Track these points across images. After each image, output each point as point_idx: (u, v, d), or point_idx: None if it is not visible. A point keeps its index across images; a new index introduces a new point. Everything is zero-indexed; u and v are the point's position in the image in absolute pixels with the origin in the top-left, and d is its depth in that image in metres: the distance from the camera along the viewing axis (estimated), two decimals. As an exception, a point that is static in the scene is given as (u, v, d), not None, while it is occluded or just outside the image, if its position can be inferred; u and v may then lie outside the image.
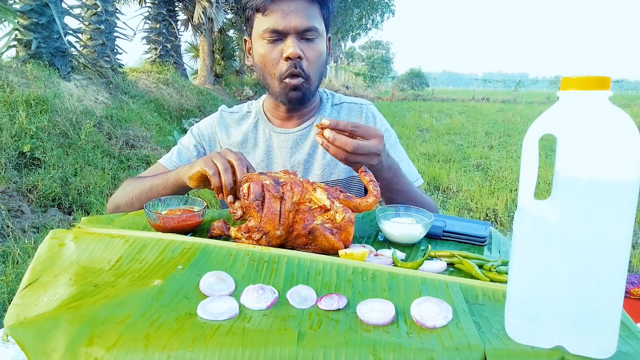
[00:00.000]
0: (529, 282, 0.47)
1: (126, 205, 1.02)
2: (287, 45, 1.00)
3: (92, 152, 4.80)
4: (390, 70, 33.09)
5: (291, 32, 1.00)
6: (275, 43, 1.02)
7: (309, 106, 1.16)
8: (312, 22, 1.02)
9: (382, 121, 1.20)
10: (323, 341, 0.48)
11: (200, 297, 0.57)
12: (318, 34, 1.04)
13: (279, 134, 1.15)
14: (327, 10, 1.07)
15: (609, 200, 0.42)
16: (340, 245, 0.72)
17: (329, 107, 1.19)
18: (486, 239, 0.81)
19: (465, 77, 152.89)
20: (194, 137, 1.20)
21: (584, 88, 0.43)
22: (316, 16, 1.03)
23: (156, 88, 8.49)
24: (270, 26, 1.00)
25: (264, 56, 1.03)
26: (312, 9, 1.02)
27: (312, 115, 1.17)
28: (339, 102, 1.21)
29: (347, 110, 1.20)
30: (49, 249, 0.69)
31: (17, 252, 2.79)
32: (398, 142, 1.21)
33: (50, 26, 5.99)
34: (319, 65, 1.06)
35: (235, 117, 1.21)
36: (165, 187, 0.96)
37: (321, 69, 1.08)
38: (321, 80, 1.11)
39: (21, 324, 0.51)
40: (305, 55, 1.02)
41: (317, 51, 1.04)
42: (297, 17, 1.00)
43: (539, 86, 49.00)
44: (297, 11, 1.00)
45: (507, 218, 4.03)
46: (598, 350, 0.45)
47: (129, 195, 1.02)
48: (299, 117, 1.16)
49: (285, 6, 1.00)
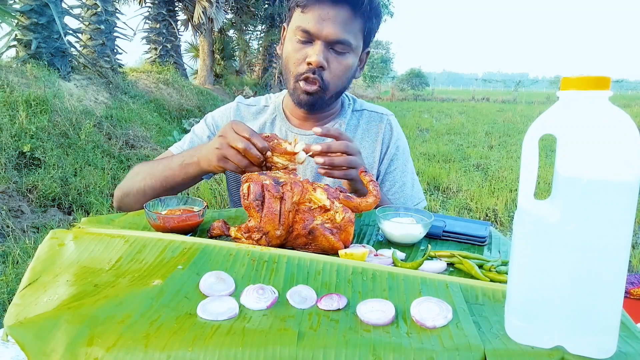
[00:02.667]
0: (529, 282, 0.47)
1: (137, 193, 0.98)
2: (313, 51, 0.97)
3: (92, 152, 4.80)
4: (390, 70, 33.05)
5: (321, 38, 0.97)
6: (305, 44, 0.99)
7: (329, 110, 1.14)
8: (346, 36, 0.97)
9: (400, 135, 1.18)
10: (323, 341, 0.48)
11: (200, 297, 0.57)
12: (350, 49, 1.00)
13: (296, 134, 1.13)
14: (371, 25, 1.03)
15: (609, 200, 0.42)
16: (340, 245, 0.72)
17: (350, 113, 1.17)
18: (486, 239, 0.81)
19: (465, 77, 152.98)
20: (207, 128, 1.17)
21: (584, 88, 0.43)
22: (354, 30, 0.99)
23: (156, 88, 8.49)
24: (303, 25, 0.97)
25: (289, 53, 1.01)
26: (352, 22, 0.98)
27: (331, 119, 1.15)
28: (360, 109, 1.19)
29: (367, 118, 1.17)
30: (49, 249, 0.69)
31: (17, 252, 2.79)
32: (409, 160, 1.18)
33: (50, 26, 5.99)
34: (341, 79, 1.03)
35: (252, 110, 1.19)
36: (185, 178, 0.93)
37: (344, 83, 1.05)
38: (342, 92, 1.09)
39: (21, 324, 0.51)
40: (330, 66, 0.99)
41: (342, 65, 1.00)
42: (332, 26, 0.96)
43: (539, 86, 49.01)
44: (335, 20, 0.96)
45: (507, 218, 4.03)
46: (598, 350, 0.45)
47: (140, 184, 0.98)
48: (318, 119, 1.14)
49: (324, 11, 0.96)
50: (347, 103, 1.19)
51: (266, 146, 0.80)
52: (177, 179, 0.94)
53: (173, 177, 0.94)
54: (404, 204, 1.12)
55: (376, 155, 1.14)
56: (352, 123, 1.16)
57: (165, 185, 0.95)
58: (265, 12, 14.67)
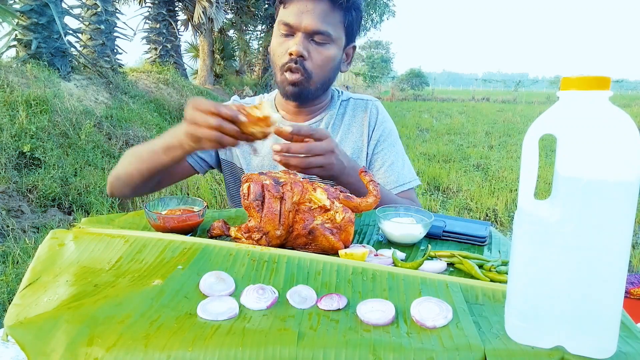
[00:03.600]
0: (529, 282, 0.47)
1: (125, 176, 0.98)
2: (293, 42, 1.02)
3: (92, 152, 4.80)
4: (390, 70, 33.11)
5: (301, 30, 1.01)
6: (287, 37, 1.03)
7: (318, 103, 1.17)
8: (325, 27, 1.01)
9: (386, 117, 1.20)
10: (323, 341, 0.48)
11: (200, 297, 0.57)
12: (330, 40, 1.04)
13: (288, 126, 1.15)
14: (351, 18, 1.06)
15: (609, 200, 0.42)
16: (340, 245, 0.72)
17: (338, 104, 1.20)
18: (486, 239, 0.81)
19: (465, 77, 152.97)
20: None
21: (584, 88, 0.43)
22: (333, 22, 1.03)
23: (156, 88, 8.49)
24: (284, 19, 1.02)
25: (274, 46, 1.06)
26: (331, 14, 1.02)
27: (322, 111, 1.18)
28: (346, 99, 1.23)
29: (353, 106, 1.21)
30: (49, 249, 0.69)
31: (17, 252, 2.79)
32: (398, 141, 1.20)
33: (50, 26, 5.99)
34: (323, 69, 1.06)
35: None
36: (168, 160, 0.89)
37: (327, 74, 1.08)
38: (328, 84, 1.12)
39: (21, 324, 0.51)
40: (311, 55, 1.03)
41: (323, 55, 1.04)
42: (310, 18, 1.00)
43: (539, 86, 49.00)
44: (313, 12, 1.00)
45: (507, 218, 4.03)
46: (598, 350, 0.45)
47: (128, 167, 0.97)
48: (308, 112, 1.17)
49: (302, 4, 1.01)
50: (336, 95, 1.22)
51: (236, 113, 0.76)
52: (162, 161, 0.90)
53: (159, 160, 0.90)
54: (396, 181, 1.13)
55: (364, 139, 1.17)
56: (340, 112, 1.20)
57: (151, 168, 0.92)
58: (265, 12, 14.67)
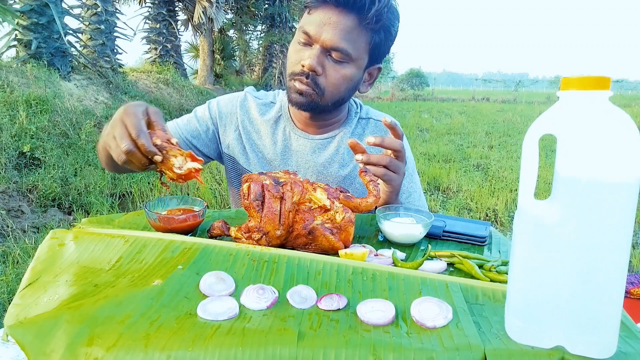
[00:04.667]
0: (529, 282, 0.47)
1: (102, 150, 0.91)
2: (308, 54, 0.96)
3: (92, 152, 4.79)
4: (390, 70, 33.08)
5: (319, 43, 0.94)
6: (304, 47, 0.97)
7: (330, 118, 1.11)
8: (345, 45, 0.94)
9: (406, 147, 1.13)
10: (323, 341, 0.48)
11: (200, 297, 0.57)
12: (349, 59, 0.96)
13: (298, 137, 1.12)
14: (378, 39, 0.98)
15: (609, 201, 0.42)
16: (340, 245, 0.72)
17: (355, 122, 1.14)
18: (486, 239, 0.81)
19: (465, 77, 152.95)
20: (209, 112, 1.15)
21: (584, 88, 0.43)
22: (356, 40, 0.95)
23: (156, 88, 8.49)
24: (305, 27, 0.95)
25: (290, 53, 1.01)
26: (356, 31, 0.94)
27: (336, 127, 1.13)
28: (366, 117, 1.16)
29: (374, 128, 1.15)
30: (49, 249, 0.69)
31: (17, 252, 2.79)
32: (415, 172, 1.16)
33: (50, 26, 5.99)
34: (338, 88, 0.99)
35: (258, 102, 1.16)
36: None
37: (341, 93, 1.01)
38: (341, 103, 1.05)
39: (21, 324, 0.51)
40: (326, 72, 0.97)
41: (339, 74, 0.97)
42: (332, 32, 0.93)
43: (539, 86, 49.02)
44: (336, 26, 0.93)
45: (507, 218, 4.03)
46: (598, 350, 0.45)
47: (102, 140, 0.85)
48: (319, 126, 1.11)
49: (327, 15, 0.93)
50: (353, 110, 1.16)
51: (153, 151, 0.71)
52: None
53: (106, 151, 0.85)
54: None
55: None
56: (357, 132, 1.14)
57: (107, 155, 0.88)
58: (265, 12, 14.68)
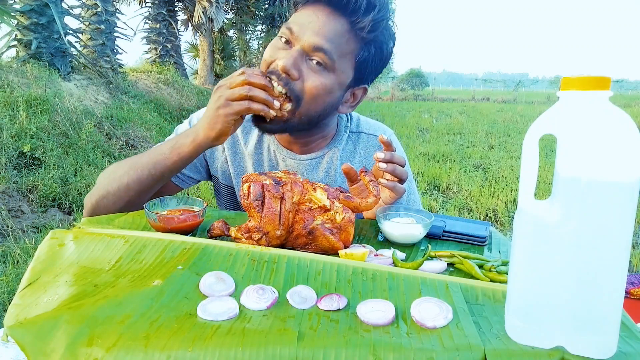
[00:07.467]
0: (529, 282, 0.47)
1: (118, 190, 0.88)
2: (285, 54, 0.85)
3: (92, 152, 4.80)
4: (390, 70, 33.07)
5: (299, 43, 0.85)
6: (285, 45, 0.88)
7: (315, 134, 1.02)
8: (328, 46, 0.83)
9: (400, 151, 1.07)
10: (323, 341, 0.48)
11: (200, 298, 0.57)
12: (330, 66, 0.85)
13: (284, 157, 1.04)
14: (367, 54, 0.89)
15: (609, 201, 0.42)
16: (340, 245, 0.72)
17: (345, 138, 1.06)
18: (486, 239, 0.81)
19: (465, 77, 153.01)
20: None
21: (584, 88, 0.43)
22: (342, 47, 0.85)
23: (156, 88, 8.49)
24: (289, 24, 0.87)
25: (266, 50, 0.90)
26: (344, 37, 0.85)
27: (323, 144, 1.04)
28: (357, 131, 1.08)
29: (365, 143, 1.08)
30: (49, 249, 0.69)
31: (17, 252, 2.79)
32: (412, 178, 1.11)
33: (50, 26, 5.99)
34: (315, 99, 0.87)
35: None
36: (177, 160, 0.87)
37: (318, 107, 0.89)
38: (317, 120, 0.93)
39: (21, 324, 0.51)
40: (303, 77, 0.85)
41: (318, 81, 0.85)
42: (316, 31, 0.83)
43: (539, 86, 49.00)
44: (322, 26, 0.83)
45: (507, 218, 4.03)
46: (598, 351, 0.45)
47: (121, 180, 0.88)
48: (305, 144, 1.03)
49: (314, 13, 0.84)
50: (343, 124, 1.07)
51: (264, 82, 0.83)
52: (167, 162, 0.87)
53: (164, 162, 0.87)
54: None
55: None
56: (348, 149, 1.07)
57: (154, 173, 0.88)
58: (265, 12, 14.67)
